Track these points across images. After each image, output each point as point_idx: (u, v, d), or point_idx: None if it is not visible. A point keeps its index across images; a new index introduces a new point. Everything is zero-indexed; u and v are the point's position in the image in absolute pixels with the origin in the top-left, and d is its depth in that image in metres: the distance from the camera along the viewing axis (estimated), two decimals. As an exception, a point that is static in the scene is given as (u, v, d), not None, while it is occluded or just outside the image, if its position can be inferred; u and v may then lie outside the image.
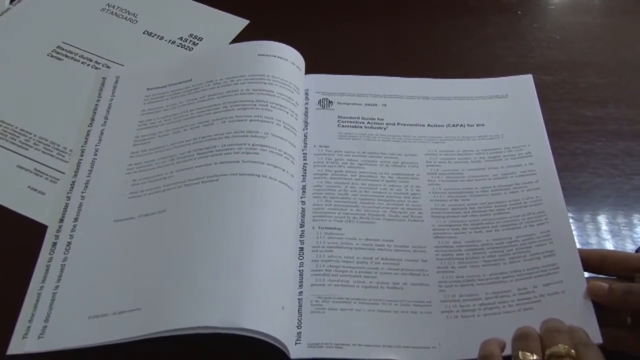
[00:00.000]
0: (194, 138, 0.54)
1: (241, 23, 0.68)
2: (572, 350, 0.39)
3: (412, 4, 0.73)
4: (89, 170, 0.55)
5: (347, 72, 0.62)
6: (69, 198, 0.53)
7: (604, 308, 0.47)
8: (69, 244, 0.50)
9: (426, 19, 0.71)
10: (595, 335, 0.45)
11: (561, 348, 0.39)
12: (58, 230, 0.51)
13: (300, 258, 0.50)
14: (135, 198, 0.52)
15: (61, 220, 0.52)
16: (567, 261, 0.49)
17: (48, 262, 0.49)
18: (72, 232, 0.51)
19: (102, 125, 0.58)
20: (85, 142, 0.57)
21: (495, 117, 0.59)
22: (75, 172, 0.55)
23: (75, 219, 0.52)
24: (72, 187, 0.54)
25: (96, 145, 0.56)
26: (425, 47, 0.68)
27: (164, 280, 0.46)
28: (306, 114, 0.59)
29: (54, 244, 0.50)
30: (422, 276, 0.50)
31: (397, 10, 0.71)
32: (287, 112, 0.56)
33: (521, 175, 0.55)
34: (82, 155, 0.56)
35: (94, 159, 0.55)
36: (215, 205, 0.49)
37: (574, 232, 0.52)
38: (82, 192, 0.53)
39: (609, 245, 0.54)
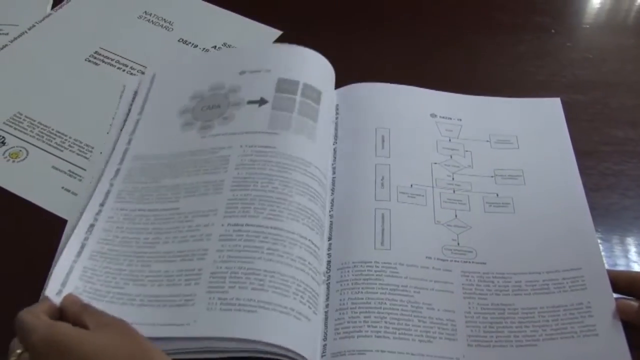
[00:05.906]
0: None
1: (274, 33, 0.69)
2: None
3: (445, 19, 0.73)
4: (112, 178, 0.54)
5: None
6: (84, 207, 0.52)
7: (633, 329, 0.46)
8: (82, 246, 0.50)
9: (459, 35, 0.71)
10: (624, 355, 0.45)
11: None
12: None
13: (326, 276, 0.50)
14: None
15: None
16: (596, 281, 0.49)
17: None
18: (87, 233, 0.50)
19: (119, 129, 0.58)
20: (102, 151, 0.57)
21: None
22: (99, 178, 0.54)
23: (92, 225, 0.51)
24: (94, 191, 0.53)
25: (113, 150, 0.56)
26: (456, 62, 0.68)
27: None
28: (336, 128, 0.59)
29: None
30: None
31: (430, 24, 0.72)
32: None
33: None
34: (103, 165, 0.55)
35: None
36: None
37: (603, 253, 0.52)
38: (107, 190, 0.53)
39: (639, 268, 0.53)
